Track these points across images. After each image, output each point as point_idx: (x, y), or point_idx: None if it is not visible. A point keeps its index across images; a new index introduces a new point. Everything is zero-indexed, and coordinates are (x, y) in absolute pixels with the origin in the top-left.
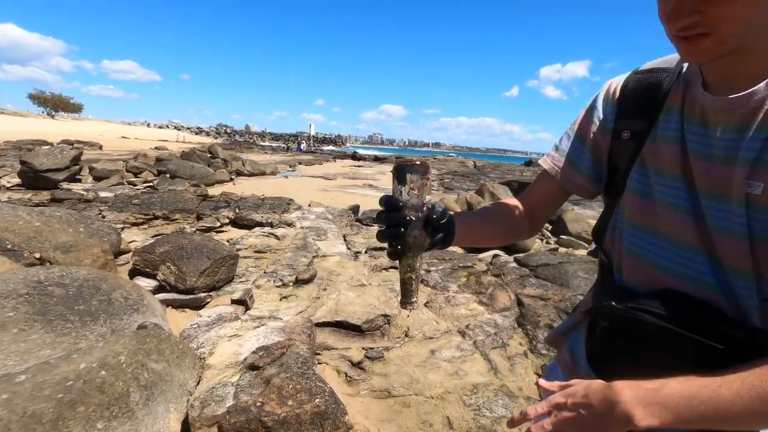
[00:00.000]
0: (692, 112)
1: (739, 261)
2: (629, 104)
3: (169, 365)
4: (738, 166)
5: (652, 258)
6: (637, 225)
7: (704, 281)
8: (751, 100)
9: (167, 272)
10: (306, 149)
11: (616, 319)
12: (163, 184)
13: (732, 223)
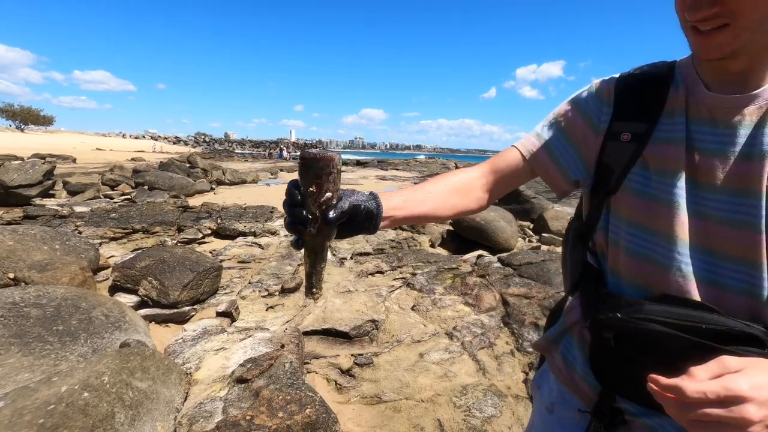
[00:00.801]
0: (699, 113)
1: (755, 254)
2: (628, 107)
3: (154, 383)
4: (755, 160)
5: (656, 258)
6: (639, 226)
7: (712, 280)
8: (760, 97)
9: (149, 287)
10: (288, 156)
11: (624, 331)
12: (141, 197)
13: (750, 216)
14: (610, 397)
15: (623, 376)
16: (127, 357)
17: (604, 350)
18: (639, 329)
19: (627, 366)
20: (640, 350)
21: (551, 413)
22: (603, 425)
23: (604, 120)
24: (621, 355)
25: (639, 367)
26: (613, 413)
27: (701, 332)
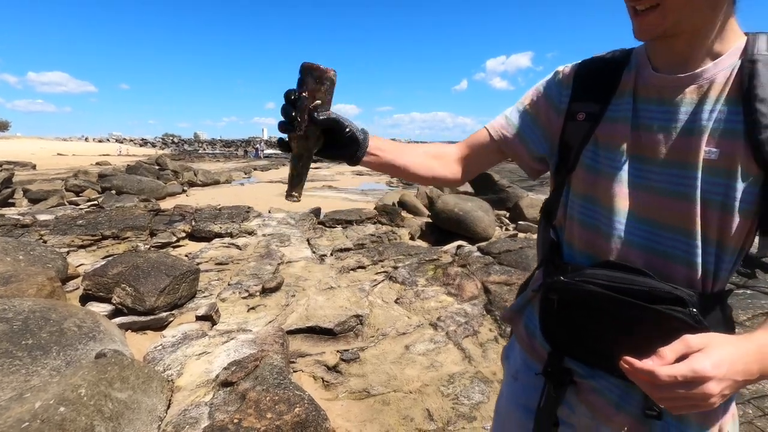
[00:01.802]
0: (647, 93)
1: (690, 223)
2: (584, 89)
3: (134, 392)
4: (695, 135)
5: (601, 228)
6: (587, 197)
7: (653, 248)
8: (702, 77)
9: (123, 294)
10: (262, 155)
11: (566, 292)
12: (109, 202)
13: (688, 187)
14: (558, 357)
15: (570, 337)
16: (105, 367)
17: (551, 313)
18: (579, 290)
19: (573, 328)
20: (583, 312)
21: (516, 380)
22: (553, 385)
23: (564, 101)
24: (567, 318)
25: (583, 328)
26: (561, 373)
27: (634, 293)
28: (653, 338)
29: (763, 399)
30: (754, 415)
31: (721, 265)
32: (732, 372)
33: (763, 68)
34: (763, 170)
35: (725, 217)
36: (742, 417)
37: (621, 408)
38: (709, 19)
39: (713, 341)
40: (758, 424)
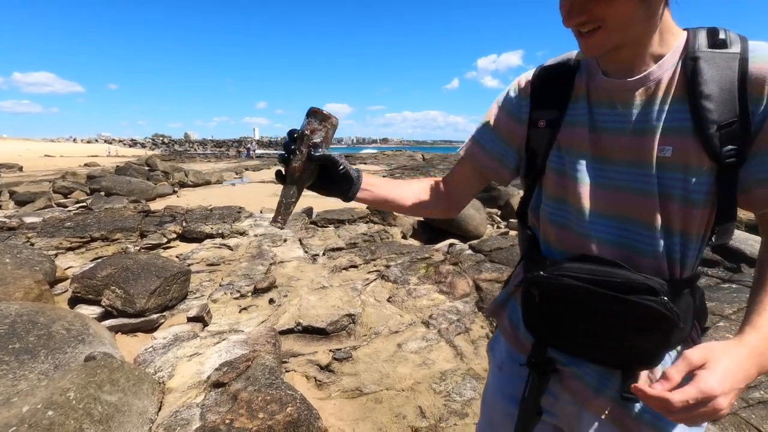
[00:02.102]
0: (599, 97)
1: (652, 217)
2: (541, 97)
3: (125, 395)
4: (648, 135)
5: (572, 227)
6: (557, 199)
7: (621, 242)
8: (649, 80)
9: (113, 296)
10: (253, 155)
11: (545, 286)
12: (98, 203)
13: (647, 184)
14: (541, 348)
15: (551, 329)
16: (94, 370)
17: (532, 306)
18: (558, 284)
19: (554, 320)
20: (563, 305)
21: (501, 371)
22: (537, 374)
23: (525, 111)
24: (548, 311)
25: (564, 320)
26: (545, 363)
27: (609, 285)
28: (629, 326)
29: (747, 390)
30: (739, 406)
31: (687, 253)
32: (735, 382)
33: (704, 65)
34: (716, 162)
35: (686, 209)
36: None
37: (600, 392)
38: (648, 28)
39: (712, 355)
40: (743, 415)
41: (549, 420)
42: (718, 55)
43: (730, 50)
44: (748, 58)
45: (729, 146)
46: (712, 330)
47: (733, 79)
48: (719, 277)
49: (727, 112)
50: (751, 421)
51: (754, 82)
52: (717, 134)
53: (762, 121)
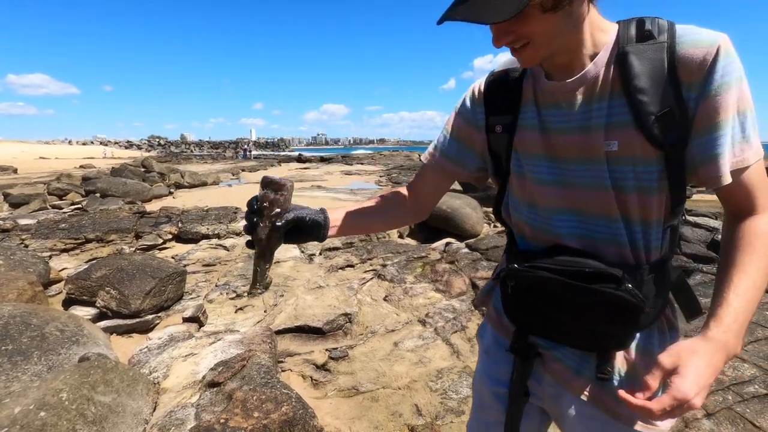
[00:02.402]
0: (545, 100)
1: (609, 209)
2: (494, 104)
3: (119, 395)
4: (593, 131)
5: (540, 226)
6: (522, 199)
7: (586, 235)
8: (587, 78)
9: (107, 297)
10: (250, 156)
11: (519, 279)
12: (93, 205)
13: (600, 179)
14: (522, 334)
15: (529, 317)
16: (87, 371)
17: (509, 296)
18: (530, 276)
19: (530, 309)
20: (536, 295)
21: (488, 355)
22: (520, 358)
23: (480, 118)
24: (524, 301)
25: (539, 309)
26: (527, 348)
27: (577, 274)
28: (599, 313)
29: (741, 385)
30: (734, 401)
31: (650, 238)
32: (706, 380)
33: (633, 59)
34: (661, 149)
35: (642, 198)
36: (722, 403)
37: (580, 373)
38: (576, 34)
39: (682, 359)
40: (737, 409)
41: (534, 402)
42: (647, 47)
43: (658, 40)
44: (675, 45)
45: (670, 133)
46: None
47: (663, 68)
48: (714, 273)
49: (662, 102)
50: (746, 415)
51: (683, 69)
52: (656, 124)
53: (697, 105)
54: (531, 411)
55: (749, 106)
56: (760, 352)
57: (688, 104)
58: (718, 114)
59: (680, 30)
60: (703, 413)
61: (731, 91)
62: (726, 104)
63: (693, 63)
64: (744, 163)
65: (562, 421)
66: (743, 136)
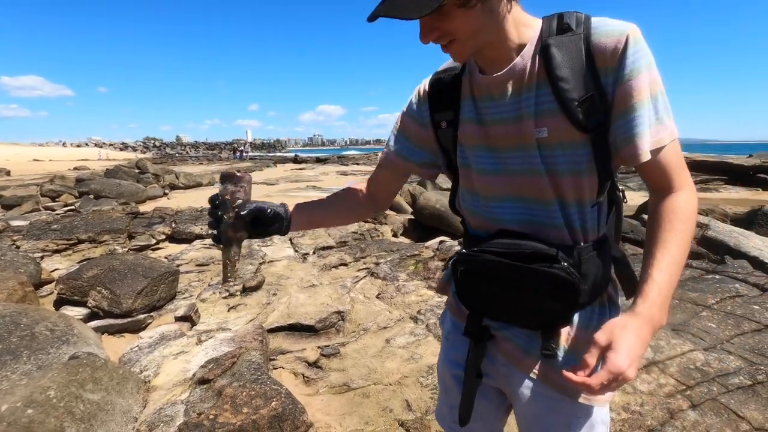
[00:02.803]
0: (480, 93)
1: (544, 192)
2: (438, 100)
3: (108, 393)
4: (525, 120)
5: (483, 213)
6: (468, 190)
7: (528, 220)
8: (515, 70)
9: (99, 297)
10: (246, 157)
11: (468, 263)
12: (86, 206)
13: (534, 165)
14: (476, 317)
15: (479, 300)
16: (76, 369)
17: (460, 280)
18: (477, 260)
19: (479, 291)
20: (484, 277)
21: (448, 341)
22: (474, 341)
23: (426, 116)
24: (474, 283)
25: (487, 291)
26: (480, 330)
27: (518, 255)
28: (540, 291)
29: (726, 377)
30: (719, 392)
31: (586, 218)
32: (636, 352)
33: (555, 50)
34: (585, 133)
35: (576, 179)
36: (707, 394)
37: (528, 352)
38: (500, 29)
39: (614, 335)
40: (722, 400)
41: (489, 383)
42: (566, 39)
43: (576, 32)
44: (590, 36)
45: (592, 117)
46: (694, 320)
47: (582, 58)
48: (703, 268)
49: (582, 89)
50: (730, 405)
51: (598, 57)
52: (579, 109)
53: (614, 90)
54: (489, 393)
55: (660, 89)
56: (746, 344)
57: (606, 89)
58: (632, 97)
59: (595, 22)
60: (689, 404)
61: (642, 76)
62: (639, 87)
63: (606, 51)
64: (660, 143)
65: (515, 399)
66: (657, 117)
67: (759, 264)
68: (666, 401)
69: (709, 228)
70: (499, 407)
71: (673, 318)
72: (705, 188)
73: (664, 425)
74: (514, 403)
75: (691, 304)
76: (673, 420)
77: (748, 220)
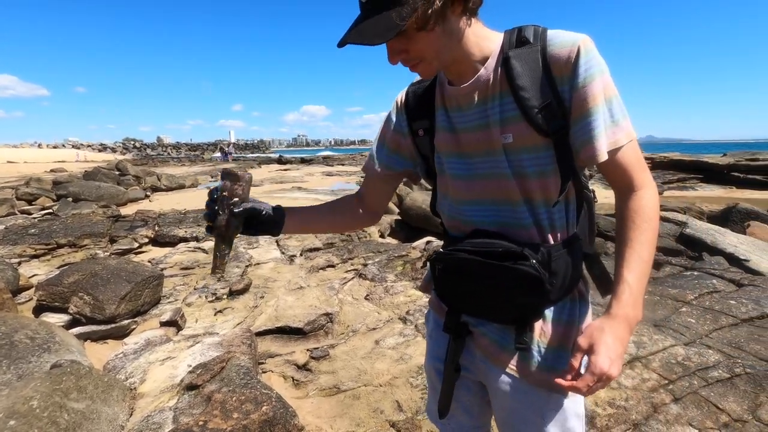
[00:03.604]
0: (450, 103)
1: (512, 194)
2: (414, 110)
3: (93, 402)
4: (492, 127)
5: (460, 218)
6: (443, 194)
7: (499, 221)
8: (480, 82)
9: (81, 303)
10: (230, 159)
11: (445, 261)
12: (65, 209)
13: (502, 169)
14: (456, 314)
15: (456, 297)
16: (59, 378)
17: (438, 278)
18: (452, 258)
19: (457, 288)
20: (459, 275)
21: (431, 339)
22: (453, 337)
23: (404, 125)
24: (451, 280)
25: (464, 288)
26: (459, 327)
27: (491, 254)
28: (512, 288)
29: (706, 371)
30: (699, 385)
31: (554, 218)
32: (616, 351)
33: (515, 62)
34: (548, 137)
35: (542, 181)
36: (689, 388)
37: (503, 347)
38: (462, 48)
39: (594, 338)
40: (702, 393)
41: (469, 376)
42: (525, 51)
43: (533, 45)
44: (546, 48)
45: (552, 122)
46: (675, 315)
47: (539, 68)
48: (682, 265)
49: (542, 97)
50: (710, 398)
51: (554, 67)
52: (539, 116)
53: (570, 96)
54: (473, 387)
55: (614, 93)
56: (724, 338)
57: (563, 96)
58: (587, 102)
59: (550, 34)
60: (671, 398)
61: (595, 82)
62: (593, 93)
63: (561, 61)
64: (616, 144)
65: (492, 393)
66: (612, 120)
67: (734, 260)
68: (649, 395)
69: (687, 226)
70: (483, 400)
71: (654, 314)
72: (682, 186)
73: (648, 419)
74: (492, 396)
75: (671, 300)
76: (657, 414)
77: (723, 217)
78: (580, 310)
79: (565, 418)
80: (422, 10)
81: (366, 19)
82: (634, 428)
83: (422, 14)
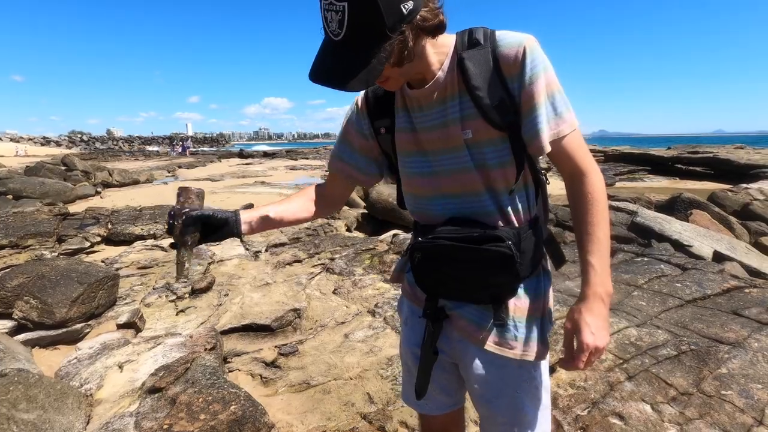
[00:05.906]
0: (411, 104)
1: (475, 185)
2: (376, 110)
3: (45, 411)
4: (452, 125)
5: (427, 211)
6: (407, 191)
7: (462, 212)
8: (438, 83)
9: (26, 308)
10: (188, 153)
11: (425, 249)
12: (4, 207)
13: (464, 163)
14: (433, 300)
15: (436, 282)
16: (6, 388)
17: (417, 266)
18: (432, 246)
19: (435, 274)
20: (439, 261)
21: (406, 325)
22: (431, 321)
23: (366, 125)
24: (430, 268)
25: (443, 273)
26: (437, 311)
27: (468, 239)
28: (487, 268)
29: (656, 349)
30: (650, 363)
31: (517, 204)
32: (596, 326)
33: (468, 63)
34: (503, 131)
35: (503, 171)
36: (641, 366)
37: (481, 326)
38: (425, 61)
39: (575, 319)
40: (653, 370)
41: (445, 358)
42: (476, 52)
43: (484, 46)
44: (496, 49)
45: (506, 117)
46: (628, 299)
47: (490, 68)
48: (633, 252)
49: (494, 94)
50: (660, 375)
51: (503, 66)
52: (494, 112)
53: (519, 93)
54: (448, 367)
55: (557, 88)
56: (671, 318)
57: (513, 93)
58: (533, 99)
59: (498, 35)
60: (626, 376)
61: (540, 80)
62: (539, 90)
63: (509, 60)
64: (560, 134)
65: (467, 370)
66: (556, 113)
67: (679, 246)
68: (606, 375)
69: (637, 215)
70: (458, 379)
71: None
72: (632, 178)
73: (605, 397)
74: (466, 374)
75: (624, 285)
76: (613, 391)
77: (669, 206)
78: (544, 282)
79: (536, 388)
80: (398, 50)
81: (339, 57)
82: (593, 406)
83: (398, 54)
